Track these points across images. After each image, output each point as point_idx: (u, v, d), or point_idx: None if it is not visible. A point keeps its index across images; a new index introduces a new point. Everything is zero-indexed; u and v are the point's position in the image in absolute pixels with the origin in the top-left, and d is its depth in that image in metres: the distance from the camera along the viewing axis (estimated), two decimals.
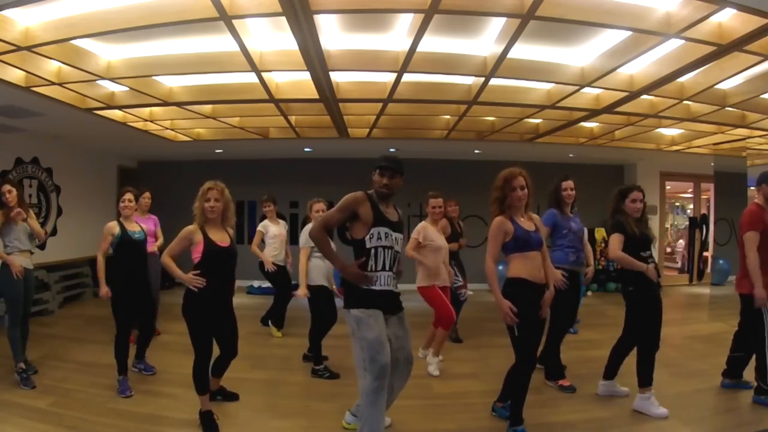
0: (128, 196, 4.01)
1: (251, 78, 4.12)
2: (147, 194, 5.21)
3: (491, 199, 3.10)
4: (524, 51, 3.67)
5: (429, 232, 4.32)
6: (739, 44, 3.19)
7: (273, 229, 5.55)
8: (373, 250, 2.75)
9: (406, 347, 2.89)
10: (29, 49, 3.33)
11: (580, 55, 3.89)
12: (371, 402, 2.64)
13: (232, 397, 3.57)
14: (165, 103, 4.86)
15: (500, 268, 3.18)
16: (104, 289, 3.84)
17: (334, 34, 3.51)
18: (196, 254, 3.17)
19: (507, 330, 3.03)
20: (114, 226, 3.88)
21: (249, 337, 4.41)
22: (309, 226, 4.40)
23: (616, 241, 3.40)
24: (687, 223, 10.15)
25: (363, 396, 2.68)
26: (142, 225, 4.21)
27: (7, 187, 3.89)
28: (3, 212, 3.85)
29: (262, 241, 5.47)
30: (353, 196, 2.79)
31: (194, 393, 3.55)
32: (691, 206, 10.25)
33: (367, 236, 2.75)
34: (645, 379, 3.37)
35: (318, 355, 4.25)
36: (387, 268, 2.78)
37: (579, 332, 5.58)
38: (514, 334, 2.98)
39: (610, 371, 3.64)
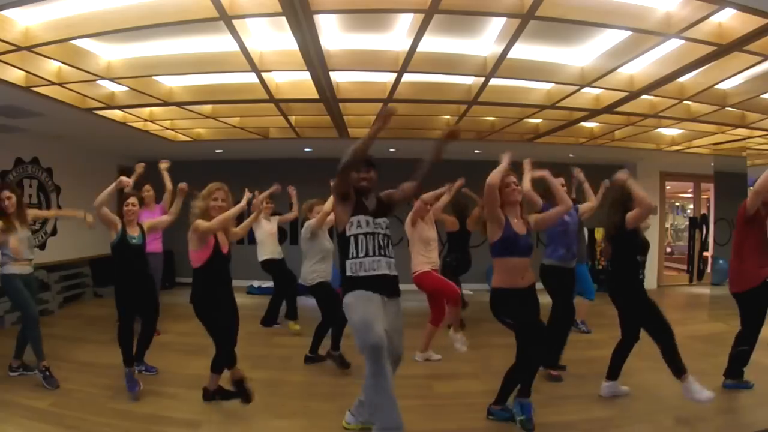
0: (132, 200, 3.92)
1: (251, 78, 4.11)
2: (147, 187, 5.18)
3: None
4: (524, 51, 3.66)
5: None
6: (739, 44, 3.18)
7: (266, 226, 5.59)
8: (352, 239, 2.81)
9: (398, 345, 2.88)
10: (29, 49, 3.32)
11: (580, 55, 3.89)
12: (372, 387, 2.58)
13: (231, 395, 3.57)
14: (165, 103, 4.86)
15: None
16: None
17: (334, 34, 3.51)
18: (206, 253, 3.24)
19: (509, 328, 3.08)
20: (119, 222, 3.84)
21: (249, 337, 4.42)
22: (309, 222, 4.43)
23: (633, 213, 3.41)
24: (687, 223, 10.16)
25: (365, 381, 2.65)
26: (147, 221, 4.21)
27: (6, 193, 3.85)
28: (3, 221, 3.81)
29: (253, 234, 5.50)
30: None
31: (194, 393, 3.57)
32: (691, 206, 10.24)
33: (347, 225, 2.83)
34: (677, 368, 3.32)
35: (336, 345, 4.34)
36: (372, 254, 2.80)
37: (579, 331, 5.56)
38: (519, 330, 3.05)
39: (614, 372, 3.63)
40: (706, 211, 9.85)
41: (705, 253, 9.48)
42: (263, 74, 4.01)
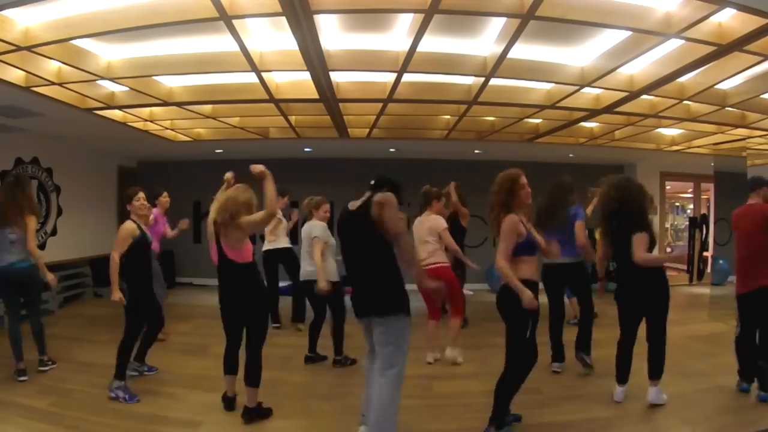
0: (142, 194, 3.95)
1: (251, 78, 4.11)
2: (165, 193, 5.19)
3: (494, 202, 3.03)
4: (524, 51, 3.66)
5: None
6: (739, 44, 3.19)
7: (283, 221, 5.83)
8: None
9: None
10: (29, 49, 3.32)
11: (580, 55, 3.89)
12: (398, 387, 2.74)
13: (268, 412, 3.42)
14: (165, 103, 4.86)
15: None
16: (117, 295, 3.64)
17: (334, 34, 3.51)
18: (250, 245, 3.28)
19: (510, 332, 3.02)
20: (134, 229, 3.74)
21: None
22: (315, 224, 4.41)
23: (645, 241, 3.38)
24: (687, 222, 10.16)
25: (396, 386, 2.70)
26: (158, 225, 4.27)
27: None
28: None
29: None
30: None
31: (194, 393, 3.58)
32: (691, 206, 10.24)
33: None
34: (660, 371, 3.46)
35: (339, 345, 4.41)
36: None
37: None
38: (522, 335, 2.94)
39: (624, 375, 3.57)
40: (706, 211, 9.85)
41: (705, 253, 9.46)
42: (263, 74, 4.01)
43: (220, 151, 7.91)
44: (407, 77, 4.15)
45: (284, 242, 5.72)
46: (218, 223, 3.22)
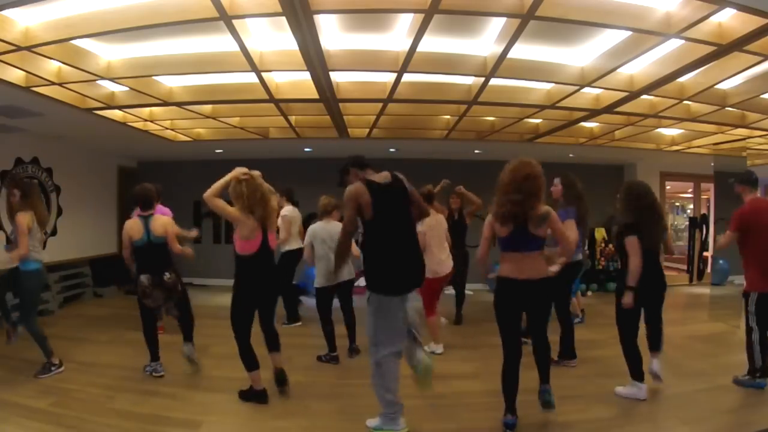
0: None
1: (251, 78, 4.11)
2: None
3: (531, 191, 2.96)
4: (524, 51, 3.66)
5: None
6: (739, 44, 3.19)
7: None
8: None
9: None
10: (29, 49, 3.32)
11: (580, 55, 3.89)
12: None
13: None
14: (165, 103, 4.86)
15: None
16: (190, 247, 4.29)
17: (334, 34, 3.51)
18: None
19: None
20: None
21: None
22: (337, 225, 4.40)
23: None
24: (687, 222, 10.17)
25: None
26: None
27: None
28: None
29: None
30: None
31: (194, 393, 3.57)
32: (691, 206, 10.25)
33: None
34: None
35: (353, 335, 4.70)
36: None
37: (580, 330, 5.57)
38: (501, 328, 3.23)
39: (641, 371, 3.60)
40: (706, 211, 9.85)
41: (705, 253, 9.47)
42: (263, 74, 4.01)
43: (220, 151, 7.91)
44: (407, 77, 4.15)
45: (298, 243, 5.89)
46: (267, 217, 3.56)
